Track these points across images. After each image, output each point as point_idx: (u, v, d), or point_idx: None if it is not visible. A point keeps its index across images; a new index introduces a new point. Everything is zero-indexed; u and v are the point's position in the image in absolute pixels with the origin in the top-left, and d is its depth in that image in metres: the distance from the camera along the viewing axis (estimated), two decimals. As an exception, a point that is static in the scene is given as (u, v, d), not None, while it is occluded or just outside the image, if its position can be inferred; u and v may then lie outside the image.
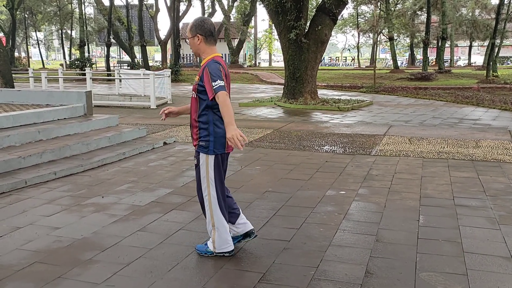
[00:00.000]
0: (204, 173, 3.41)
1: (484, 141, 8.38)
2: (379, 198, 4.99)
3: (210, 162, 3.37)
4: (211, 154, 3.36)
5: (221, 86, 3.16)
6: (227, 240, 3.48)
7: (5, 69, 13.80)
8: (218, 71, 3.20)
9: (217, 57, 3.34)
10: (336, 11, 14.44)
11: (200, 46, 3.36)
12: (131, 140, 8.05)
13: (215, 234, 3.46)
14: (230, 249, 3.50)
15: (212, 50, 3.37)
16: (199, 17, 3.40)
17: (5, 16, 45.63)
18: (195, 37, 3.33)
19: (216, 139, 3.34)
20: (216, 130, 3.33)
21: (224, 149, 3.38)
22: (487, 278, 3.18)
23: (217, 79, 3.18)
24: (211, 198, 3.41)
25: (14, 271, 3.28)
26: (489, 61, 24.18)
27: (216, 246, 3.47)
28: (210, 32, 3.34)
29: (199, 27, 3.32)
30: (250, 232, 3.65)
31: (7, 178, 5.51)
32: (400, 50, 51.03)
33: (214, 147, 3.35)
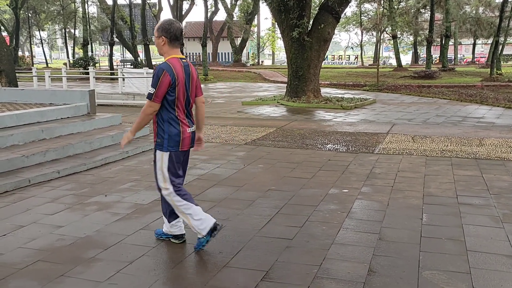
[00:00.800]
0: (159, 169, 3.56)
1: (488, 139, 8.35)
2: (382, 197, 4.98)
3: (164, 158, 3.53)
4: (165, 151, 3.51)
5: (150, 93, 3.40)
6: (202, 218, 3.57)
7: (8, 68, 13.84)
8: (157, 78, 3.37)
9: (172, 59, 3.47)
10: (339, 9, 14.42)
11: (163, 47, 3.51)
12: (134, 138, 8.05)
13: (189, 220, 3.57)
14: (212, 224, 3.57)
15: (174, 52, 3.52)
16: (167, 20, 3.55)
17: (9, 15, 45.77)
18: (160, 38, 3.49)
19: (169, 137, 3.49)
20: (171, 129, 3.48)
21: (178, 147, 3.53)
22: (491, 277, 3.17)
23: (152, 85, 3.39)
24: (169, 191, 3.56)
25: (18, 269, 3.29)
26: (493, 59, 24.10)
27: (198, 230, 3.56)
28: (175, 36, 3.49)
29: (165, 29, 3.47)
30: (180, 235, 3.78)
31: (11, 177, 5.53)
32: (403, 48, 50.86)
33: (168, 144, 3.50)
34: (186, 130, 3.53)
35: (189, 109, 3.62)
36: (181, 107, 3.50)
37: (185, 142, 3.55)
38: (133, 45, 34.77)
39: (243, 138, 8.59)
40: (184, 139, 3.53)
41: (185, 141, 3.54)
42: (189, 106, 3.61)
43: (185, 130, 3.53)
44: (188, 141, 3.57)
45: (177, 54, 3.52)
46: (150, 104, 3.41)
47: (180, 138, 3.50)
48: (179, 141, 3.51)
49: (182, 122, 3.51)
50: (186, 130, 3.54)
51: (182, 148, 3.55)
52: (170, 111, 3.46)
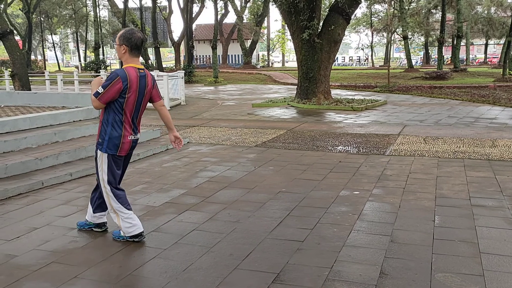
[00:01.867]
0: (100, 167, 3.74)
1: (501, 140, 8.26)
2: (393, 199, 4.96)
3: (103, 158, 3.70)
4: (104, 152, 3.67)
5: (97, 92, 3.54)
6: (132, 223, 3.74)
7: (21, 72, 14.02)
8: (109, 81, 3.52)
9: (129, 67, 3.62)
10: (349, 10, 14.37)
11: (123, 55, 3.67)
12: (145, 141, 8.11)
13: (119, 220, 3.76)
14: (137, 232, 3.75)
15: (133, 61, 3.67)
16: (129, 29, 3.67)
17: (22, 19, 46.35)
18: (121, 46, 3.64)
19: (110, 139, 3.63)
20: (112, 132, 3.63)
21: (116, 151, 3.68)
22: (504, 279, 3.13)
23: (102, 85, 3.54)
24: (107, 190, 3.74)
25: (31, 271, 3.33)
26: (505, 59, 23.83)
27: (123, 231, 3.76)
28: (135, 46, 3.64)
29: (126, 39, 3.62)
30: (102, 223, 4.01)
31: (25, 179, 5.59)
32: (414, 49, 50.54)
33: (107, 146, 3.65)
34: (127, 136, 3.68)
35: (137, 117, 3.78)
36: (128, 113, 3.66)
37: (124, 147, 3.69)
38: (143, 48, 34.99)
39: (254, 140, 8.59)
40: (124, 144, 3.68)
41: (124, 146, 3.69)
42: (138, 114, 3.76)
43: (127, 135, 3.68)
44: (127, 146, 3.72)
45: (136, 63, 3.67)
46: (94, 100, 3.57)
47: (119, 142, 3.65)
48: (119, 145, 3.66)
49: (125, 127, 3.66)
50: (128, 136, 3.68)
51: (120, 153, 3.70)
52: (116, 114, 3.62)
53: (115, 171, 3.76)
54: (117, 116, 3.62)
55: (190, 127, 10.40)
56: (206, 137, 9.01)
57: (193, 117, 12.47)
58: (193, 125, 10.71)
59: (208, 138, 8.90)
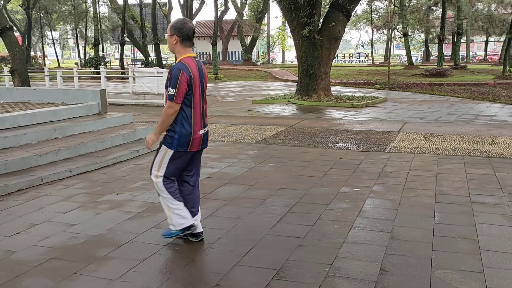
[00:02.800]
0: (159, 160, 3.61)
1: (500, 137, 8.26)
2: (394, 195, 4.95)
3: (168, 154, 3.56)
4: (172, 149, 3.54)
5: (171, 95, 3.38)
6: (182, 215, 3.63)
7: (21, 68, 13.99)
8: (175, 79, 3.36)
9: (186, 58, 3.48)
10: (350, 7, 14.34)
11: (175, 46, 3.53)
12: (145, 137, 8.09)
13: (170, 212, 3.64)
14: (188, 224, 3.63)
15: (186, 51, 3.53)
16: (180, 19, 3.55)
17: (21, 15, 46.25)
18: (173, 37, 3.50)
19: (180, 137, 3.49)
20: (182, 130, 3.49)
21: (187, 148, 3.53)
22: (504, 276, 3.13)
23: (171, 86, 3.37)
24: (157, 180, 3.61)
25: (31, 267, 3.33)
26: (505, 57, 23.81)
27: (174, 223, 3.65)
28: (187, 36, 3.49)
29: (178, 29, 3.48)
30: (198, 234, 3.77)
31: (24, 175, 5.59)
32: (414, 46, 50.47)
33: (177, 144, 3.51)
34: (197, 131, 3.53)
35: (204, 109, 3.61)
36: (197, 106, 3.50)
37: (195, 143, 3.55)
38: (143, 44, 34.95)
39: (254, 136, 8.59)
40: (194, 140, 3.53)
41: (195, 142, 3.54)
42: (204, 105, 3.61)
43: (197, 131, 3.53)
44: (198, 142, 3.57)
45: (190, 53, 3.52)
46: (171, 105, 3.39)
47: (190, 139, 3.51)
48: (189, 142, 3.51)
49: (195, 122, 3.51)
50: (198, 131, 3.54)
51: (191, 149, 3.55)
52: (184, 110, 3.46)
53: (179, 166, 3.62)
54: (184, 112, 3.46)
55: (190, 123, 10.38)
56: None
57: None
58: (193, 121, 10.69)
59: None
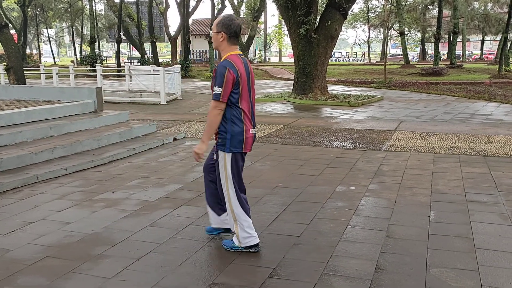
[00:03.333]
0: (222, 170, 3.45)
1: (496, 136, 8.29)
2: (389, 194, 4.97)
3: (227, 159, 3.40)
4: (227, 152, 3.38)
5: (217, 94, 3.26)
6: (251, 234, 3.49)
7: (17, 66, 13.94)
8: (221, 77, 3.25)
9: (232, 55, 3.35)
10: (346, 6, 14.34)
11: (221, 43, 3.39)
12: (141, 136, 8.09)
13: (238, 228, 3.49)
14: (254, 242, 3.49)
15: (232, 49, 3.39)
16: (228, 16, 3.42)
17: (17, 13, 46.03)
18: (219, 34, 3.36)
19: (232, 137, 3.35)
20: (234, 129, 3.34)
21: (241, 147, 3.39)
22: (499, 274, 3.15)
23: (218, 85, 3.26)
24: (230, 194, 3.46)
25: (26, 265, 3.32)
26: (501, 56, 23.89)
27: (240, 239, 3.50)
28: (234, 33, 3.37)
29: (226, 26, 3.34)
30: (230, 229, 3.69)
31: (19, 173, 5.57)
32: (411, 45, 50.56)
33: (230, 144, 3.36)
34: (249, 130, 3.40)
35: (253, 108, 3.49)
36: (245, 105, 3.39)
37: (248, 142, 3.41)
38: (140, 42, 34.86)
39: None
40: (247, 139, 3.39)
41: (248, 141, 3.41)
42: (253, 104, 3.49)
43: (248, 129, 3.39)
44: (251, 141, 3.44)
45: (236, 50, 3.41)
46: (217, 105, 3.27)
47: (243, 138, 3.36)
48: (242, 141, 3.37)
49: (245, 121, 3.38)
50: (249, 130, 3.40)
51: (245, 149, 3.41)
52: (234, 109, 3.33)
53: (240, 171, 3.48)
54: (234, 111, 3.33)
55: (186, 121, 10.38)
56: (202, 132, 8.98)
57: (189, 111, 12.44)
58: (189, 119, 10.68)
59: (204, 133, 8.86)
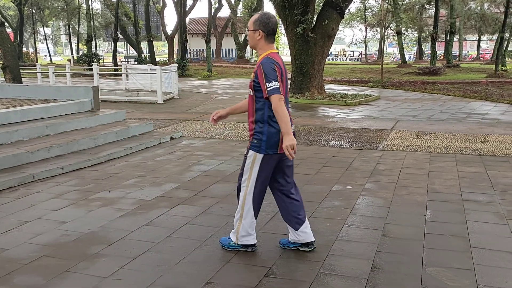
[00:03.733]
0: (248, 168, 3.38)
1: (492, 135, 8.32)
2: (386, 193, 4.98)
3: (257, 160, 3.33)
4: (261, 153, 3.30)
5: (275, 88, 3.13)
6: (250, 233, 3.47)
7: (13, 65, 13.89)
8: (273, 71, 3.16)
9: (272, 53, 3.30)
10: (343, 5, 14.35)
11: (259, 41, 3.33)
12: (138, 135, 8.08)
13: (240, 224, 3.46)
14: (252, 242, 3.48)
15: (269, 47, 3.34)
16: (265, 13, 3.33)
17: (13, 11, 45.85)
18: (257, 32, 3.30)
19: (268, 138, 3.27)
20: (270, 130, 3.26)
21: (276, 149, 3.30)
22: (495, 273, 3.16)
23: (272, 80, 3.14)
24: (246, 192, 3.42)
25: (22, 265, 3.31)
26: (497, 55, 23.96)
27: (238, 236, 3.47)
28: (272, 31, 3.31)
29: (263, 23, 3.28)
30: (310, 243, 3.53)
31: (16, 172, 5.55)
32: (408, 44, 50.65)
33: (266, 147, 3.28)
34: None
35: (288, 107, 3.37)
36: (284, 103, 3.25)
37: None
38: (137, 41, 34.79)
39: (247, 134, 8.56)
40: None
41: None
42: (288, 103, 3.40)
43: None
44: None
45: (273, 49, 3.35)
46: (279, 97, 3.14)
47: (279, 138, 3.26)
48: (278, 142, 3.27)
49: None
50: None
51: (281, 150, 3.28)
52: (271, 109, 3.21)
53: (268, 173, 3.38)
54: (271, 111, 3.21)
55: (183, 121, 10.37)
56: (199, 131, 8.99)
57: (186, 111, 12.43)
58: (186, 119, 10.67)
59: (201, 132, 8.88)
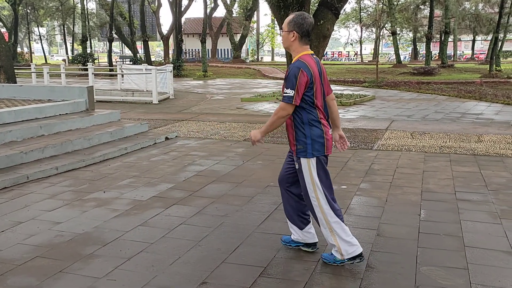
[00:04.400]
0: (308, 177, 3.24)
1: (486, 135, 8.35)
2: (380, 193, 4.99)
3: (312, 165, 3.21)
4: (311, 157, 3.20)
5: (288, 96, 3.10)
6: (351, 242, 3.24)
7: (7, 65, 13.81)
8: (294, 79, 3.09)
9: (305, 56, 3.21)
10: (339, 5, 14.37)
11: (293, 43, 3.24)
12: (133, 135, 8.06)
13: (336, 239, 3.24)
14: (358, 252, 3.23)
15: (303, 49, 3.24)
16: (300, 14, 3.23)
17: (8, 11, 45.62)
18: (291, 33, 3.22)
19: (313, 141, 3.19)
20: (312, 132, 3.19)
21: (323, 150, 3.21)
22: (488, 272, 3.18)
23: (289, 87, 3.11)
24: (320, 203, 3.23)
25: (16, 265, 3.30)
26: (492, 56, 24.07)
27: (343, 252, 3.23)
28: (307, 32, 3.22)
29: (298, 24, 3.19)
30: (313, 244, 3.51)
31: (9, 173, 5.52)
32: (403, 44, 50.78)
33: (312, 149, 3.19)
34: (328, 131, 3.24)
35: (326, 109, 3.33)
36: (320, 107, 3.22)
37: (329, 145, 3.23)
38: (132, 41, 34.70)
39: (242, 134, 8.58)
40: (328, 141, 3.22)
41: (329, 143, 3.23)
42: (326, 104, 3.33)
43: (327, 131, 3.24)
44: (331, 143, 3.26)
45: (308, 50, 3.25)
46: (285, 107, 3.12)
47: (324, 140, 3.19)
48: (324, 143, 3.20)
49: (323, 123, 3.22)
50: (328, 131, 3.25)
51: (327, 152, 3.23)
52: (310, 111, 3.18)
53: (328, 176, 3.27)
54: (311, 115, 3.17)
55: (178, 121, 10.35)
56: (194, 131, 8.98)
57: (181, 111, 12.41)
58: (181, 119, 10.65)
59: (196, 132, 8.87)
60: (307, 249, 3.52)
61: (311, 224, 3.51)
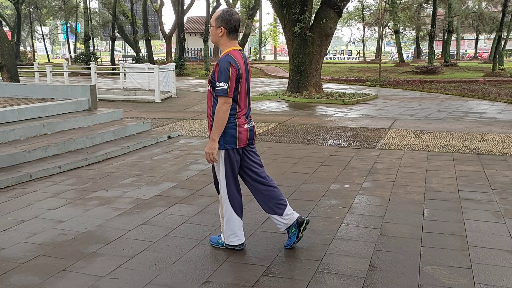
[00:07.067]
0: (217, 167, 3.45)
1: (490, 134, 8.33)
2: (383, 192, 4.98)
3: (221, 156, 3.38)
4: (221, 149, 3.34)
5: (223, 89, 3.18)
6: (236, 233, 3.50)
7: (10, 64, 13.85)
8: (226, 72, 3.17)
9: (233, 51, 3.30)
10: (341, 4, 14.36)
11: (221, 38, 3.33)
12: (135, 134, 8.07)
13: (224, 225, 3.51)
14: (238, 243, 3.52)
15: (232, 43, 3.34)
16: (227, 10, 3.34)
17: (10, 10, 45.73)
18: (219, 28, 3.31)
19: (225, 133, 3.31)
20: (227, 125, 3.29)
21: (235, 144, 3.35)
22: (492, 272, 3.16)
23: (222, 80, 3.18)
24: (221, 191, 3.47)
25: (19, 264, 3.30)
26: (495, 54, 23.99)
27: (224, 237, 3.53)
28: (234, 28, 3.31)
29: (225, 20, 3.28)
30: (299, 218, 3.53)
31: (12, 171, 5.53)
32: (405, 43, 50.68)
33: (224, 141, 3.32)
34: (243, 125, 3.35)
35: (249, 103, 3.46)
36: (243, 101, 3.35)
37: (242, 138, 3.36)
38: (134, 40, 34.73)
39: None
40: (241, 134, 3.34)
41: (242, 137, 3.35)
42: (249, 99, 3.45)
43: (242, 124, 3.35)
44: (245, 137, 3.38)
45: (236, 46, 3.35)
46: (225, 100, 3.20)
47: (236, 133, 3.32)
48: (236, 136, 3.33)
49: (239, 116, 3.34)
50: (243, 125, 3.35)
51: (240, 145, 3.37)
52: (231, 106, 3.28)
53: (235, 170, 3.44)
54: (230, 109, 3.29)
55: (181, 120, 10.36)
56: (197, 130, 8.98)
57: (184, 110, 12.41)
58: (184, 118, 10.66)
59: (199, 131, 8.87)
60: (304, 227, 3.51)
61: (288, 205, 3.56)
